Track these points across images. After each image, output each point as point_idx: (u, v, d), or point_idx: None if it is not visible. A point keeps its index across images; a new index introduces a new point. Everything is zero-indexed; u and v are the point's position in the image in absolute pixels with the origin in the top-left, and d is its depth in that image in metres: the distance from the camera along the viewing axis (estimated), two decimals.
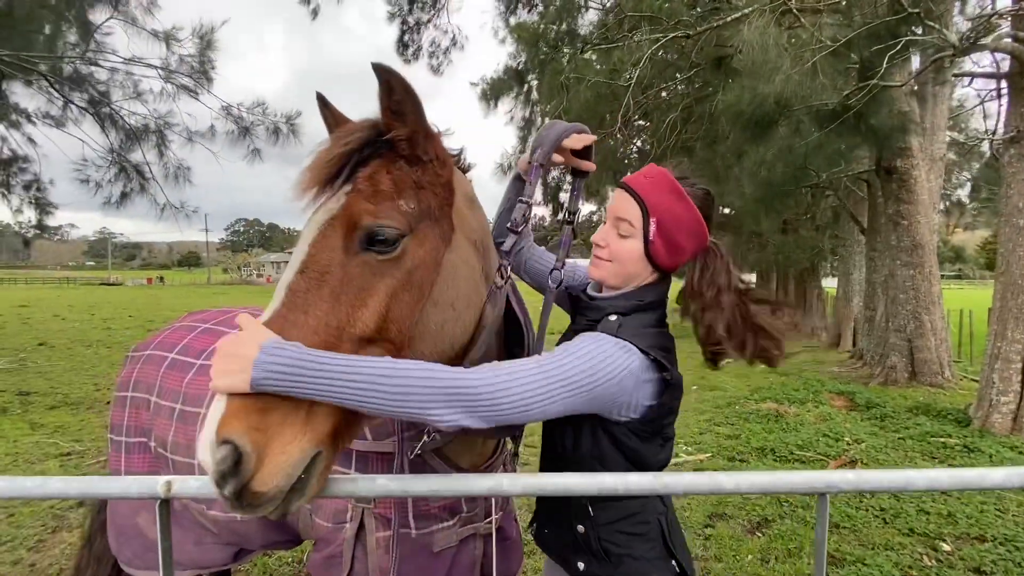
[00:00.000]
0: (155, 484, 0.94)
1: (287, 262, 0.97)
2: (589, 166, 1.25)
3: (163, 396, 1.69)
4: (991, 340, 5.68)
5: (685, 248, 1.17)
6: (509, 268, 1.18)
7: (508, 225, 1.20)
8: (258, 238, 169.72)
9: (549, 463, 1.28)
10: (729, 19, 7.16)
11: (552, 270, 1.30)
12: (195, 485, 0.95)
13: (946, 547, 3.32)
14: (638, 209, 1.15)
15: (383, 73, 0.88)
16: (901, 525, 3.57)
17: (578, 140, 1.21)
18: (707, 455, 5.02)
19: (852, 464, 4.76)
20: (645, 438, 1.14)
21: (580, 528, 1.19)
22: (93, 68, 7.98)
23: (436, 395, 0.87)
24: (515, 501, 1.70)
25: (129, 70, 7.90)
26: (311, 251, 0.91)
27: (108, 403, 3.02)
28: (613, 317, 1.14)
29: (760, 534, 3.52)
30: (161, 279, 76.98)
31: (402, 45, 12.50)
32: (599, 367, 1.02)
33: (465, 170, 1.19)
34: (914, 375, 7.94)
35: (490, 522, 1.45)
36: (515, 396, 0.93)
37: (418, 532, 1.30)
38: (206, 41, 8.02)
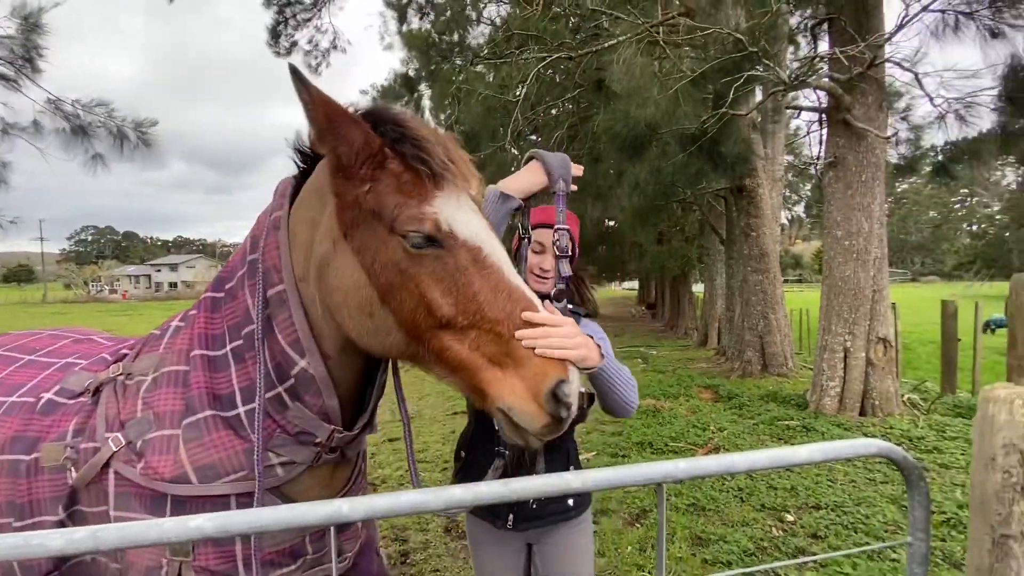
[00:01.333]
0: None
1: (149, 275, 0.82)
2: (574, 188, 1.55)
3: None
4: (820, 334, 6.66)
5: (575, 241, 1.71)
6: None
7: (557, 252, 1.49)
8: (111, 248, 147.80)
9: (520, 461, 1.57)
10: (606, 45, 7.71)
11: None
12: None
13: (790, 518, 3.78)
14: (569, 242, 1.56)
15: None
16: (755, 502, 4.01)
17: (578, 169, 1.54)
18: (593, 453, 5.25)
19: (716, 450, 5.27)
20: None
21: (572, 468, 1.66)
22: None
23: (634, 387, 1.44)
24: (378, 531, 1.61)
25: None
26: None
27: None
28: (582, 319, 1.59)
29: (639, 524, 3.74)
30: None
31: (274, 36, 11.69)
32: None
33: None
34: (765, 367, 9.07)
35: (345, 558, 1.34)
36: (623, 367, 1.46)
37: None
38: (31, 23, 6.75)
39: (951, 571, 3.07)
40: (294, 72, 0.97)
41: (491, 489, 0.95)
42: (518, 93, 9.13)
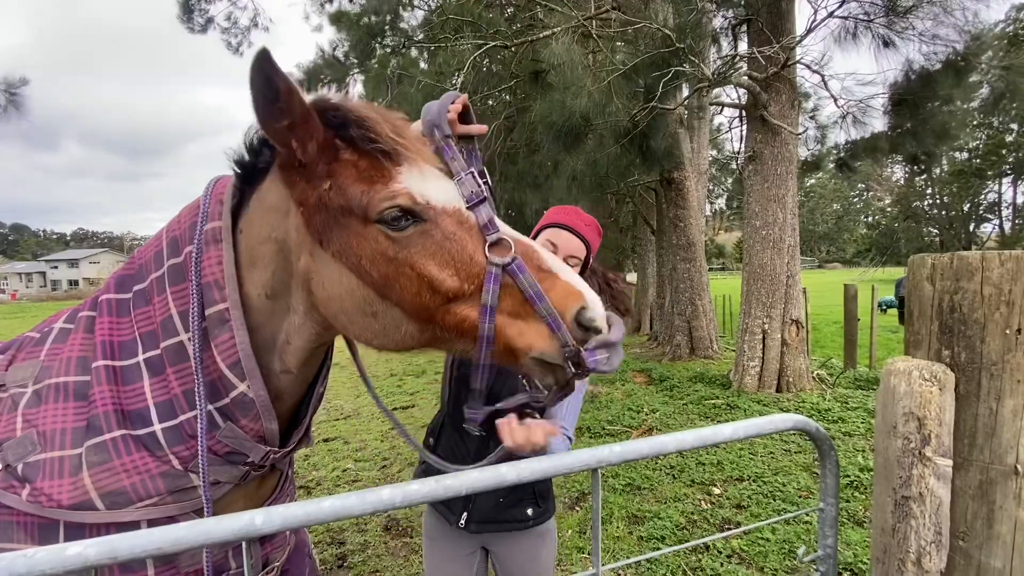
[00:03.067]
0: None
1: (43, 272, 0.68)
2: (480, 129, 1.22)
3: None
4: (742, 318, 7.12)
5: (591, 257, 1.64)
6: None
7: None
8: None
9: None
10: (541, 36, 7.74)
11: None
12: None
13: (716, 491, 4.03)
14: (584, 249, 1.57)
15: None
16: (686, 479, 4.23)
17: (458, 105, 1.20)
18: None
19: (650, 431, 5.51)
20: None
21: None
22: None
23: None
24: (308, 534, 1.53)
25: None
26: None
27: None
28: None
29: (579, 508, 3.83)
30: None
31: (186, 10, 10.75)
32: None
33: None
34: (693, 350, 9.59)
35: (272, 568, 1.25)
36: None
37: None
38: None
39: (854, 529, 3.39)
40: (266, 58, 0.86)
41: (423, 487, 0.91)
42: (455, 81, 8.97)
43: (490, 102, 11.28)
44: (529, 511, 1.60)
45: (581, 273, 1.57)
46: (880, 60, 6.56)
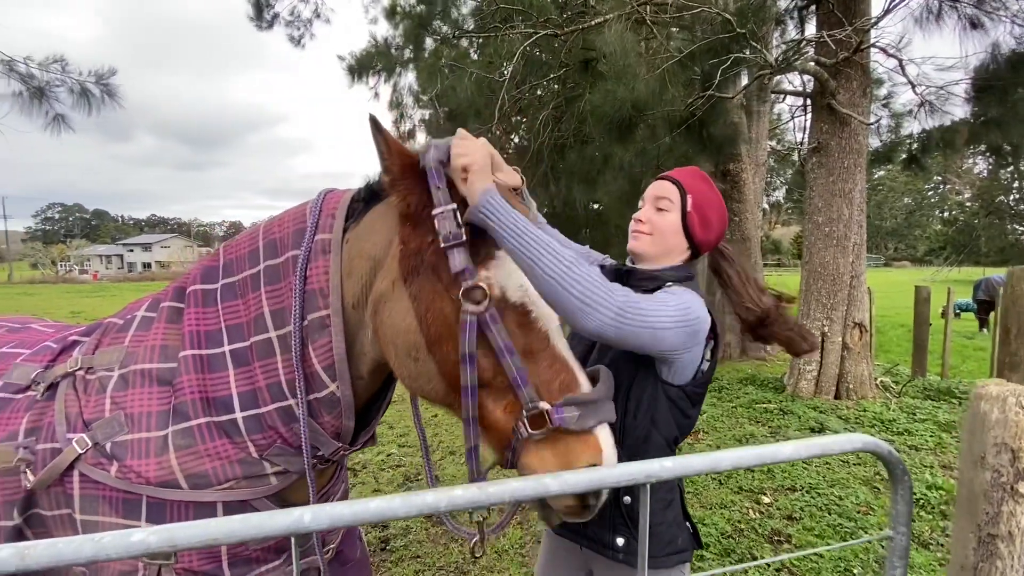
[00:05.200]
0: None
1: (121, 255, 0.74)
2: (513, 180, 1.20)
3: None
4: (799, 318, 6.76)
5: (714, 226, 1.38)
6: None
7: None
8: (80, 227, 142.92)
9: None
10: (593, 23, 7.54)
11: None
12: None
13: (766, 499, 3.86)
14: (676, 190, 1.36)
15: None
16: (733, 485, 4.07)
17: (511, 175, 1.20)
18: None
19: (696, 434, 5.34)
20: (695, 402, 1.31)
21: (627, 499, 1.31)
22: None
23: (601, 292, 1.02)
24: None
25: None
26: None
27: None
28: (673, 285, 1.29)
29: None
30: None
31: (257, 9, 11.16)
32: (696, 309, 1.19)
33: None
34: (744, 351, 9.22)
35: (328, 550, 1.32)
36: (656, 312, 1.10)
37: None
38: None
39: (918, 551, 3.17)
40: (373, 123, 0.98)
41: (466, 493, 0.91)
42: (504, 71, 8.91)
43: (539, 92, 11.14)
44: (619, 541, 1.33)
45: (684, 225, 1.35)
46: (965, 43, 6.00)
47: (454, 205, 1.01)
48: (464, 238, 1.00)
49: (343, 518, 0.85)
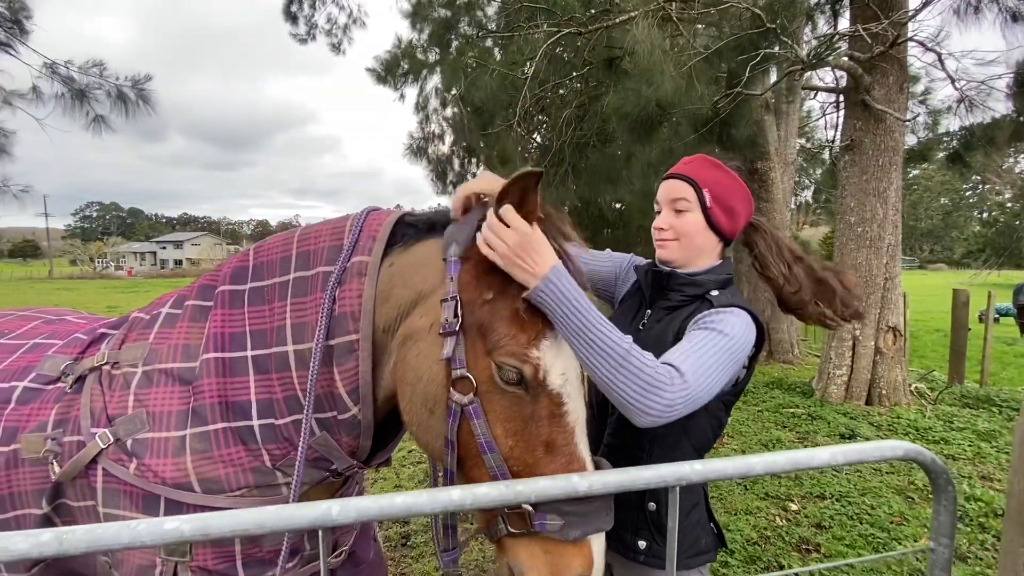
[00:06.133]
0: None
1: (154, 252, 0.75)
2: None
3: None
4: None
5: (740, 212, 1.30)
6: None
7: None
8: (116, 225, 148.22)
9: (617, 446, 1.30)
10: (617, 20, 7.46)
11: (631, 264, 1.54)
12: None
13: (794, 507, 3.75)
14: (689, 187, 1.28)
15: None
16: (758, 491, 3.98)
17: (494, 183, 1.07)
18: None
19: (720, 437, 5.23)
20: (729, 408, 1.29)
21: (652, 506, 1.28)
22: None
23: (652, 391, 0.97)
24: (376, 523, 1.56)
25: None
26: None
27: None
28: (716, 292, 1.25)
29: None
30: None
31: (290, 17, 11.32)
32: (740, 337, 1.13)
33: None
34: (771, 354, 9.01)
35: (340, 552, 1.30)
36: (710, 382, 1.05)
37: None
38: None
39: (956, 564, 3.03)
40: (535, 180, 0.96)
41: (491, 491, 0.90)
42: (526, 70, 8.89)
43: (561, 91, 11.08)
44: (640, 543, 1.27)
45: (710, 221, 1.27)
46: (1007, 36, 5.73)
47: (456, 297, 0.98)
48: (455, 329, 0.97)
49: (369, 512, 0.86)
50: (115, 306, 20.41)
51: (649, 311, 1.35)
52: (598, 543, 0.98)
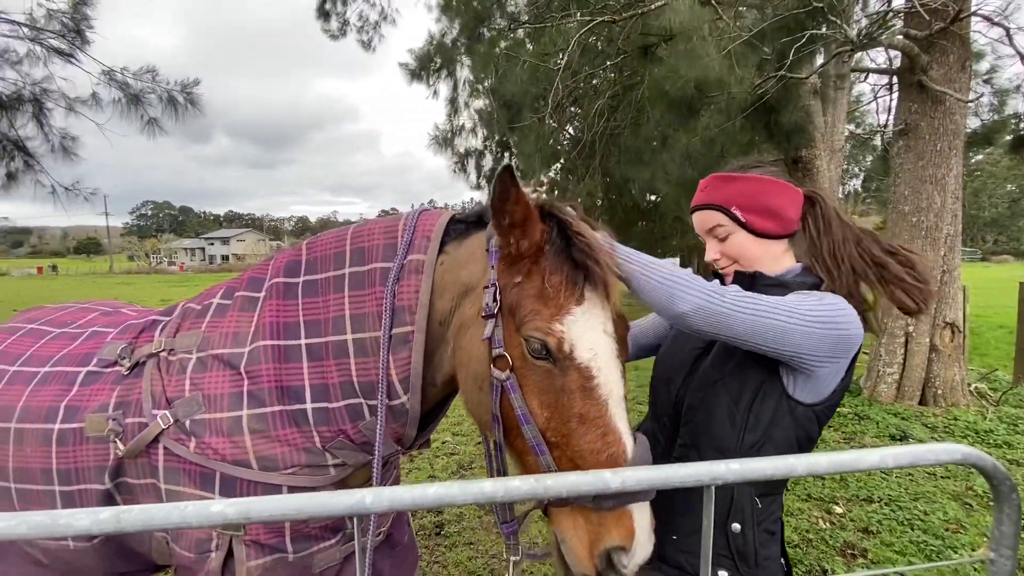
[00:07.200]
0: None
1: (203, 248, 0.80)
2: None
3: None
4: (880, 317, 6.22)
5: (782, 206, 1.21)
6: None
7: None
8: (169, 223, 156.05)
9: (690, 449, 1.22)
10: (652, 7, 7.25)
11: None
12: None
13: (839, 509, 3.59)
14: (717, 213, 1.24)
15: None
16: (800, 492, 3.82)
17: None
18: None
19: None
20: (823, 424, 1.18)
21: (736, 527, 1.14)
22: None
23: (696, 279, 1.04)
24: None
25: None
26: None
27: None
28: (806, 292, 1.16)
29: None
30: (54, 268, 68.97)
31: (323, 15, 11.57)
32: (847, 315, 1.07)
33: None
34: None
35: (380, 534, 1.37)
36: (783, 306, 1.05)
37: (296, 555, 1.20)
38: None
39: None
40: (508, 173, 0.99)
41: (523, 485, 0.90)
42: (559, 61, 8.77)
43: (594, 81, 10.88)
44: (721, 574, 1.13)
45: (754, 232, 1.22)
46: None
47: (496, 284, 1.07)
48: (496, 311, 1.05)
49: (402, 501, 0.88)
50: (168, 299, 21.53)
51: None
52: (641, 515, 0.99)
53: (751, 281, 1.23)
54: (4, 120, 7.62)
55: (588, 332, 1.02)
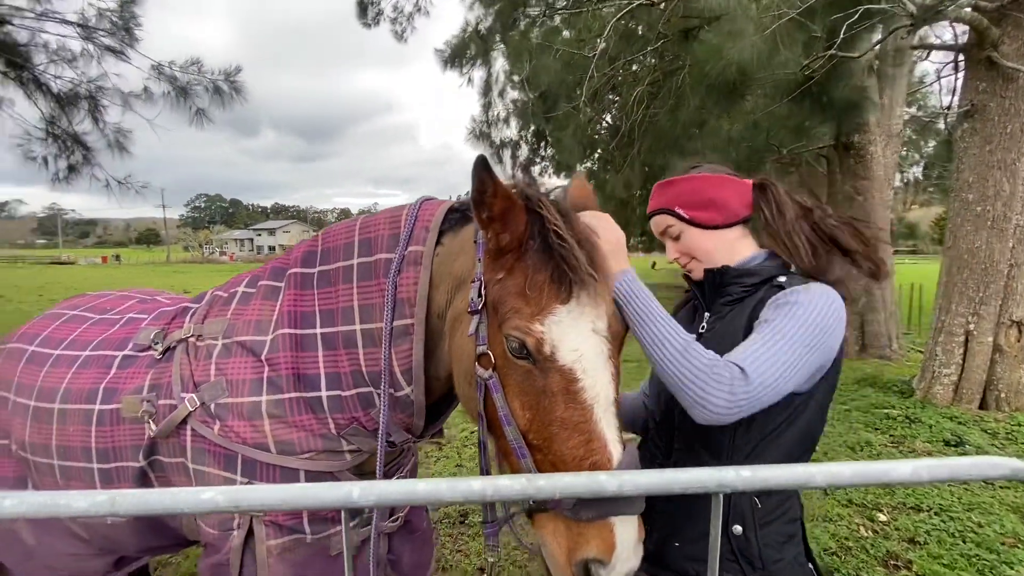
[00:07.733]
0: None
1: (251, 239, 0.81)
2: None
3: (20, 393, 1.50)
4: (936, 314, 5.82)
5: (724, 197, 1.25)
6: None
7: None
8: (220, 214, 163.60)
9: (687, 454, 1.20)
10: None
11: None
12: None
13: (882, 517, 3.38)
14: (664, 216, 1.30)
15: None
16: (841, 496, 3.63)
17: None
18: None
19: None
20: (823, 405, 1.16)
21: (737, 529, 1.12)
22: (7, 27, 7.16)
23: (715, 375, 0.96)
24: None
25: (42, 28, 7.11)
26: None
27: None
28: (784, 277, 1.18)
29: None
30: (117, 257, 73.70)
31: (362, 7, 11.74)
32: (832, 312, 1.07)
33: None
34: (864, 347, 8.18)
35: (396, 519, 1.38)
36: (778, 379, 0.99)
37: (313, 536, 1.23)
38: None
39: None
40: (482, 164, 0.96)
41: (513, 484, 0.86)
42: (594, 48, 8.55)
43: (634, 67, 10.57)
44: None
45: (702, 225, 1.26)
46: None
47: (481, 278, 1.04)
48: (480, 307, 1.02)
49: (390, 496, 0.86)
50: None
51: (708, 313, 1.28)
52: (625, 529, 0.94)
53: (721, 276, 1.25)
54: (63, 117, 8.11)
55: (572, 333, 0.97)
